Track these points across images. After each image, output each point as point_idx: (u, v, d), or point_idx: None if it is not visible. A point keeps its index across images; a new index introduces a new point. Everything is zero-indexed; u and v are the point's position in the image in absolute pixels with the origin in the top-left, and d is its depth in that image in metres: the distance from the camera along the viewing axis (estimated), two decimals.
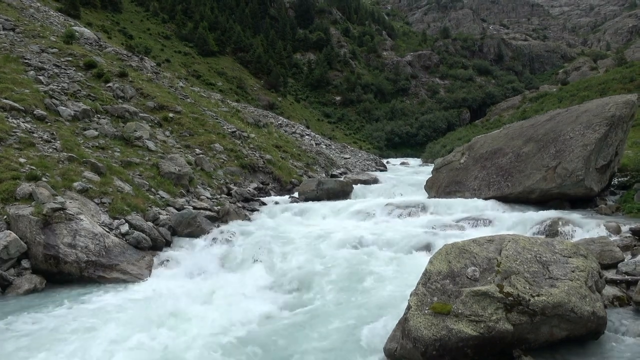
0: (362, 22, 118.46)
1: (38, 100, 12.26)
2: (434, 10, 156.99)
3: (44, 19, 24.91)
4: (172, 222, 9.19)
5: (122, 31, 61.81)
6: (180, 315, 5.74)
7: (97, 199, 8.88)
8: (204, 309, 6.01)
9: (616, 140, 10.36)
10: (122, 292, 6.87)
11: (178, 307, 6.06)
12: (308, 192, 13.75)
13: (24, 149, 9.63)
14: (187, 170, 11.97)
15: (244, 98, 62.89)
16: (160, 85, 20.22)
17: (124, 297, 6.61)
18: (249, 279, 7.24)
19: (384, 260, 7.41)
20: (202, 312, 5.88)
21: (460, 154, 12.88)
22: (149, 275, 7.59)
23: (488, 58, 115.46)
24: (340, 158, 31.10)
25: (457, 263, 4.64)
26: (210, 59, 73.08)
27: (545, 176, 10.11)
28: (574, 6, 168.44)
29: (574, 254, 4.70)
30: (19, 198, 7.84)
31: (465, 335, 4.06)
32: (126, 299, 6.54)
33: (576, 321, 4.18)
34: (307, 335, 5.19)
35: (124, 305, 6.25)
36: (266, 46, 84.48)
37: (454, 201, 10.95)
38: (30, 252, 7.15)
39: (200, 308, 6.04)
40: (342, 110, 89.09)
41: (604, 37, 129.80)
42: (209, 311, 5.91)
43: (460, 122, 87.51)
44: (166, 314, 5.81)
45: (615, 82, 42.04)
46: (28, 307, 6.14)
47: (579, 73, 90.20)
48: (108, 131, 12.62)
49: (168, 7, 79.64)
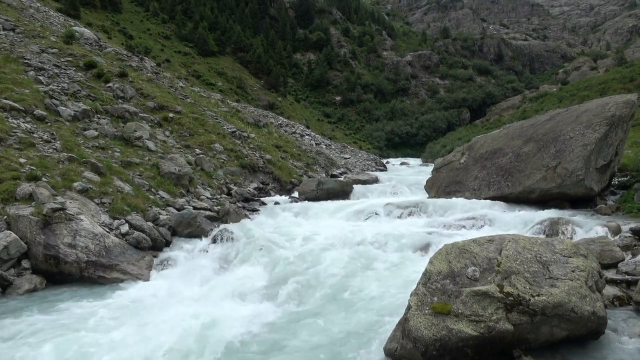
0: (362, 22, 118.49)
1: (38, 101, 12.26)
2: (434, 10, 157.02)
3: (44, 19, 24.92)
4: (172, 222, 9.19)
5: (122, 31, 61.82)
6: (180, 316, 5.74)
7: (97, 199, 8.88)
8: (204, 309, 6.00)
9: (616, 140, 10.36)
10: (122, 292, 6.87)
11: (178, 308, 6.06)
12: (308, 192, 13.74)
13: (24, 149, 9.63)
14: (187, 170, 11.97)
15: (244, 98, 62.90)
16: (160, 86, 20.23)
17: (124, 297, 6.61)
18: (249, 279, 7.23)
19: (383, 260, 7.41)
20: (202, 312, 5.87)
21: (460, 154, 12.87)
22: (149, 276, 7.59)
23: (488, 58, 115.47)
24: (340, 158, 31.11)
25: (457, 263, 4.64)
26: (210, 59, 73.10)
27: (545, 176, 10.10)
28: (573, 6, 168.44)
29: (574, 254, 4.70)
30: (19, 198, 7.84)
31: (465, 335, 4.06)
32: (126, 299, 6.54)
33: (576, 321, 4.18)
34: (306, 335, 5.19)
35: (124, 305, 6.25)
36: (266, 46, 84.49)
37: (454, 201, 10.94)
38: (30, 252, 7.14)
39: (200, 308, 6.04)
40: (342, 110, 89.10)
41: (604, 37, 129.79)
42: (208, 312, 5.90)
43: (460, 122, 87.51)
44: (166, 314, 5.82)
45: (615, 81, 42.04)
46: (28, 307, 6.14)
47: (579, 73, 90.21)
48: (108, 131, 12.62)
49: (168, 7, 79.65)
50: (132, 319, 5.70)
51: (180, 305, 6.18)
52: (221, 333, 5.27)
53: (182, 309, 5.99)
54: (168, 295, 6.63)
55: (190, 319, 5.65)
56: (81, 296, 6.65)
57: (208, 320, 5.56)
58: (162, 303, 6.29)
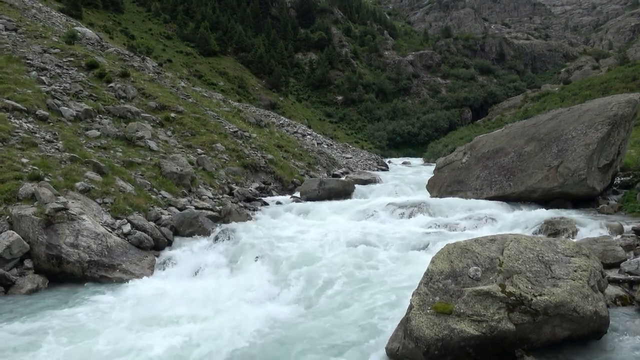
0: (364, 21, 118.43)
1: (40, 101, 12.29)
2: (435, 10, 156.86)
3: (46, 20, 24.96)
4: (174, 222, 9.20)
5: (123, 31, 61.88)
6: (182, 316, 5.75)
7: (99, 199, 8.89)
8: (205, 309, 6.01)
9: (618, 140, 10.33)
10: (124, 292, 6.88)
11: (180, 308, 6.07)
12: (310, 191, 13.74)
13: (26, 149, 9.65)
14: (188, 170, 11.98)
15: (245, 98, 62.91)
16: (162, 86, 20.25)
17: (126, 297, 6.62)
18: (251, 279, 7.23)
19: (385, 260, 7.40)
20: (203, 313, 5.88)
21: (462, 153, 12.86)
22: (151, 275, 7.61)
23: (490, 57, 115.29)
24: (341, 158, 31.09)
25: (459, 263, 4.63)
26: (211, 59, 73.13)
27: (547, 175, 10.08)
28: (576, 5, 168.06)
29: (576, 254, 4.69)
30: (21, 198, 7.86)
31: (467, 335, 4.06)
32: (128, 299, 6.55)
33: (578, 321, 4.17)
34: (308, 335, 5.19)
35: (125, 305, 6.25)
36: (267, 46, 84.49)
37: (456, 201, 10.93)
38: (32, 252, 7.16)
39: (202, 308, 6.04)
40: (343, 109, 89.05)
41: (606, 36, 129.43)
42: (210, 312, 5.91)
43: (462, 121, 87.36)
44: (167, 314, 5.82)
45: (617, 81, 41.89)
46: (30, 307, 6.16)
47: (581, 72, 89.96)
48: (110, 131, 12.64)
49: (169, 7, 79.72)
50: (134, 318, 5.71)
51: (182, 305, 6.18)
52: (222, 332, 5.28)
53: (184, 309, 5.99)
54: (170, 295, 6.63)
55: (192, 318, 5.66)
56: (83, 296, 6.66)
57: (210, 319, 5.57)
58: (164, 303, 6.29)
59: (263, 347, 4.99)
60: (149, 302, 6.31)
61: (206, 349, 4.88)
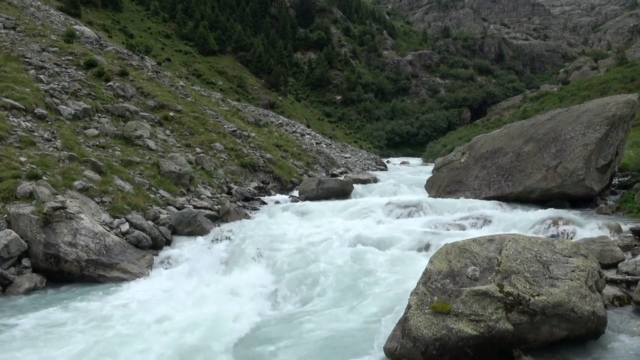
0: (363, 21, 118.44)
1: (39, 99, 12.26)
2: (434, 10, 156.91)
3: (45, 18, 24.91)
4: (173, 221, 9.19)
5: (122, 30, 61.74)
6: (179, 315, 5.74)
7: (98, 197, 8.88)
8: (204, 308, 6.01)
9: (617, 140, 10.35)
10: (122, 291, 6.88)
11: (178, 306, 6.06)
12: (308, 191, 13.74)
13: (24, 147, 9.63)
14: (187, 169, 11.97)
15: (244, 97, 62.83)
16: (161, 84, 20.22)
17: (124, 297, 6.61)
18: (249, 278, 7.24)
19: (384, 260, 7.39)
20: (202, 311, 5.88)
21: (460, 153, 12.87)
22: (149, 275, 7.60)
23: (489, 57, 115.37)
24: (340, 157, 31.09)
25: (457, 262, 4.64)
26: (210, 58, 73.03)
27: (546, 176, 10.10)
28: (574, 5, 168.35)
29: (574, 254, 4.70)
30: (19, 197, 7.85)
31: (465, 335, 4.06)
32: (126, 298, 6.54)
33: (576, 321, 4.18)
34: (306, 335, 5.19)
35: (124, 304, 6.24)
36: (267, 45, 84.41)
37: (455, 201, 10.94)
38: (30, 251, 7.15)
39: (200, 307, 6.04)
40: (342, 109, 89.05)
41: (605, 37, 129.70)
42: (208, 310, 5.90)
43: (461, 121, 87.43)
44: (166, 312, 5.82)
45: (616, 81, 41.93)
46: (28, 306, 6.15)
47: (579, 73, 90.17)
48: (108, 130, 12.62)
49: (168, 6, 79.59)
50: (132, 317, 5.70)
51: (180, 303, 6.18)
52: (221, 331, 5.27)
53: (182, 308, 5.99)
54: (168, 294, 6.63)
55: (190, 317, 5.65)
56: (81, 295, 6.65)
57: (208, 319, 5.57)
58: (162, 301, 6.29)
59: (259, 346, 4.99)
60: (147, 301, 6.31)
61: (202, 348, 4.87)
